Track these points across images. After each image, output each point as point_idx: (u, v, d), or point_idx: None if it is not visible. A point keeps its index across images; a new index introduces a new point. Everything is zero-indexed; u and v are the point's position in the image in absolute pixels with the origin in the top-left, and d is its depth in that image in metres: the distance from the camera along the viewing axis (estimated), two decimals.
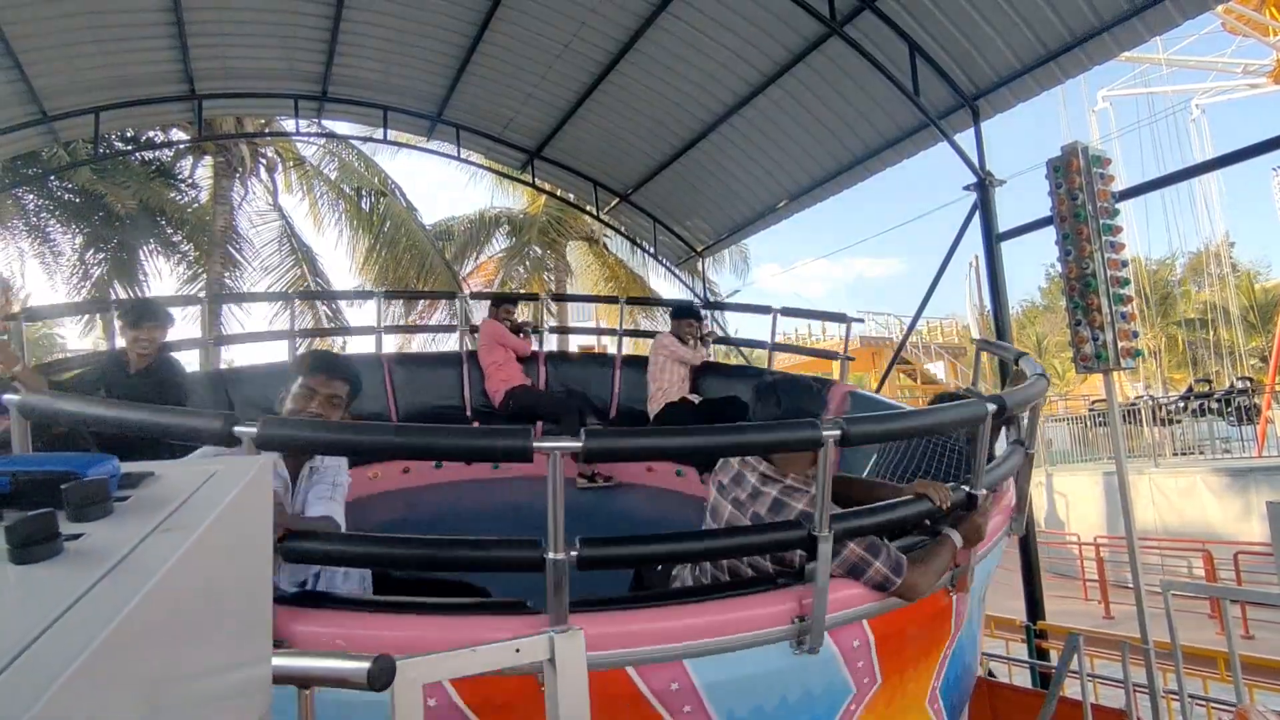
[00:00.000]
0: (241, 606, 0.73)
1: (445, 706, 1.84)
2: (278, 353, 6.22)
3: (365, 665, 0.94)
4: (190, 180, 14.51)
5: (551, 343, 7.19)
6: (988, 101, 6.55)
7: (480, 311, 7.64)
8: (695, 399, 5.82)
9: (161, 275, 13.76)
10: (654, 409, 5.80)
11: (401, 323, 14.23)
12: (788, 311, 6.39)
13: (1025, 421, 3.21)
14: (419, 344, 14.26)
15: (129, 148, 12.88)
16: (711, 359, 6.61)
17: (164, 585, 0.54)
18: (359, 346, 6.83)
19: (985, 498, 2.52)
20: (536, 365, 6.55)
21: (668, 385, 5.85)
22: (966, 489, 2.48)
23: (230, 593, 0.70)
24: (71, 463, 0.67)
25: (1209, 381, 20.45)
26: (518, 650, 1.19)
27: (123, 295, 13.05)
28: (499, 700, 1.86)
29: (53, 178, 12.35)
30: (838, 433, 2.03)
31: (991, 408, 2.44)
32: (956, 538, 2.43)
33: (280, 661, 0.94)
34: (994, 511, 2.84)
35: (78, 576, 0.52)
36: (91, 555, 0.56)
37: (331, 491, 2.39)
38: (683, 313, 6.30)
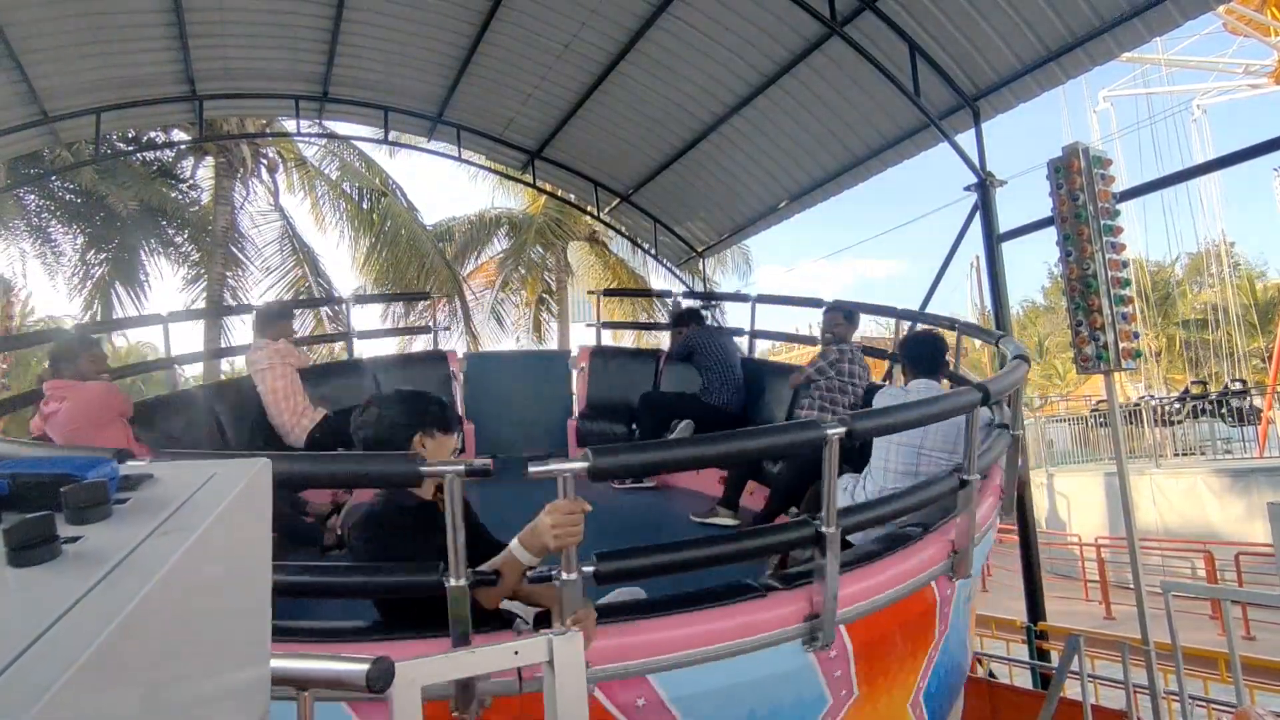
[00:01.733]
0: (241, 608, 0.73)
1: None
2: None
3: (364, 667, 0.94)
4: (191, 181, 14.53)
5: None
6: (988, 102, 6.54)
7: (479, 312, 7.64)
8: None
9: (163, 276, 13.78)
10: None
11: (402, 324, 14.25)
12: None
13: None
14: (423, 344, 14.28)
15: (130, 148, 12.88)
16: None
17: (163, 587, 0.54)
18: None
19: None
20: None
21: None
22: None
23: (229, 595, 0.71)
24: (70, 465, 0.67)
25: (1205, 383, 20.44)
26: (516, 653, 1.19)
27: (123, 296, 13.07)
28: None
29: (54, 178, 12.37)
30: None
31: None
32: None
33: (279, 663, 0.94)
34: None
35: (76, 579, 0.52)
36: (90, 558, 0.56)
37: None
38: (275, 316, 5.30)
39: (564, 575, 1.82)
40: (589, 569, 1.88)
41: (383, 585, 2.00)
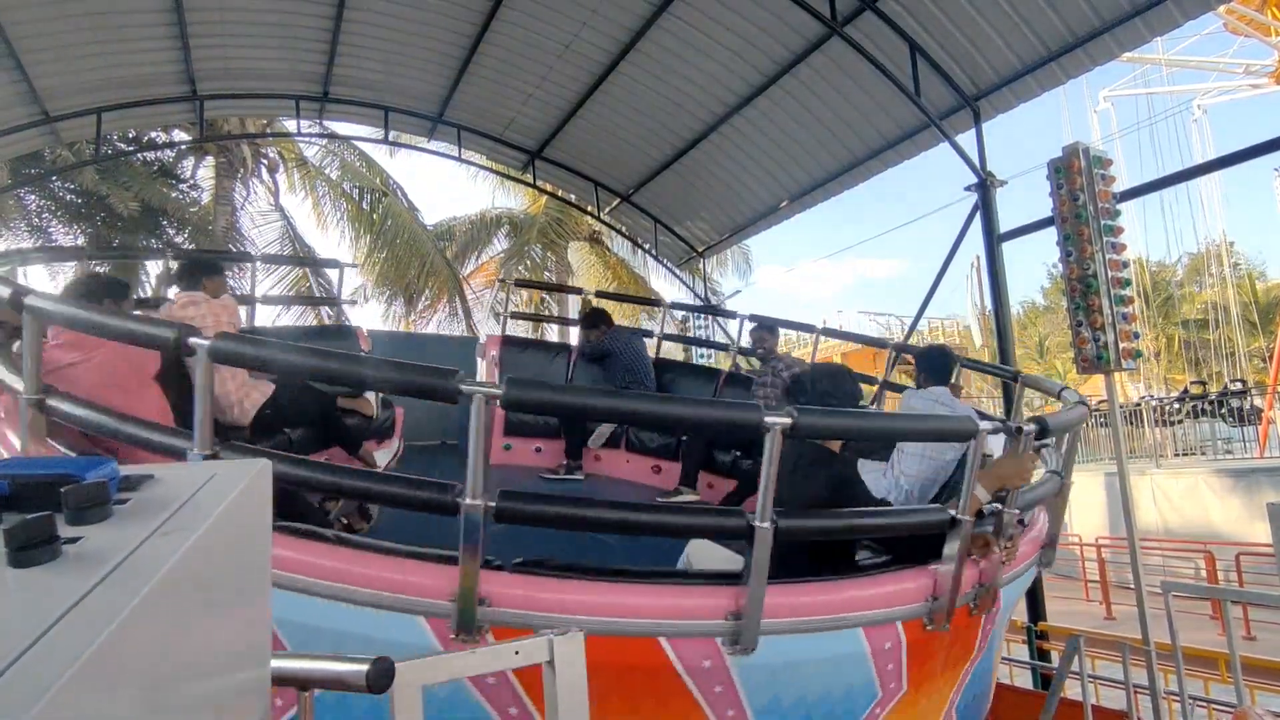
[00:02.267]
0: (241, 608, 0.73)
1: None
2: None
3: (364, 667, 0.94)
4: (192, 181, 14.53)
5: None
6: (989, 102, 6.54)
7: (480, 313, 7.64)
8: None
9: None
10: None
11: (402, 317, 14.29)
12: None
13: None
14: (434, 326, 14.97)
15: (131, 148, 12.89)
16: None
17: (163, 588, 0.54)
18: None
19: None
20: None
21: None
22: None
23: (230, 595, 0.71)
24: (71, 465, 0.67)
25: (1204, 383, 20.43)
26: (517, 652, 1.19)
27: None
28: None
29: (55, 178, 12.36)
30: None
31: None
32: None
33: (279, 663, 0.94)
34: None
35: (76, 579, 0.52)
36: (90, 558, 0.56)
37: None
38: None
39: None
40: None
41: None
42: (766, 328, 5.65)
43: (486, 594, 1.94)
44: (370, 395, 4.44)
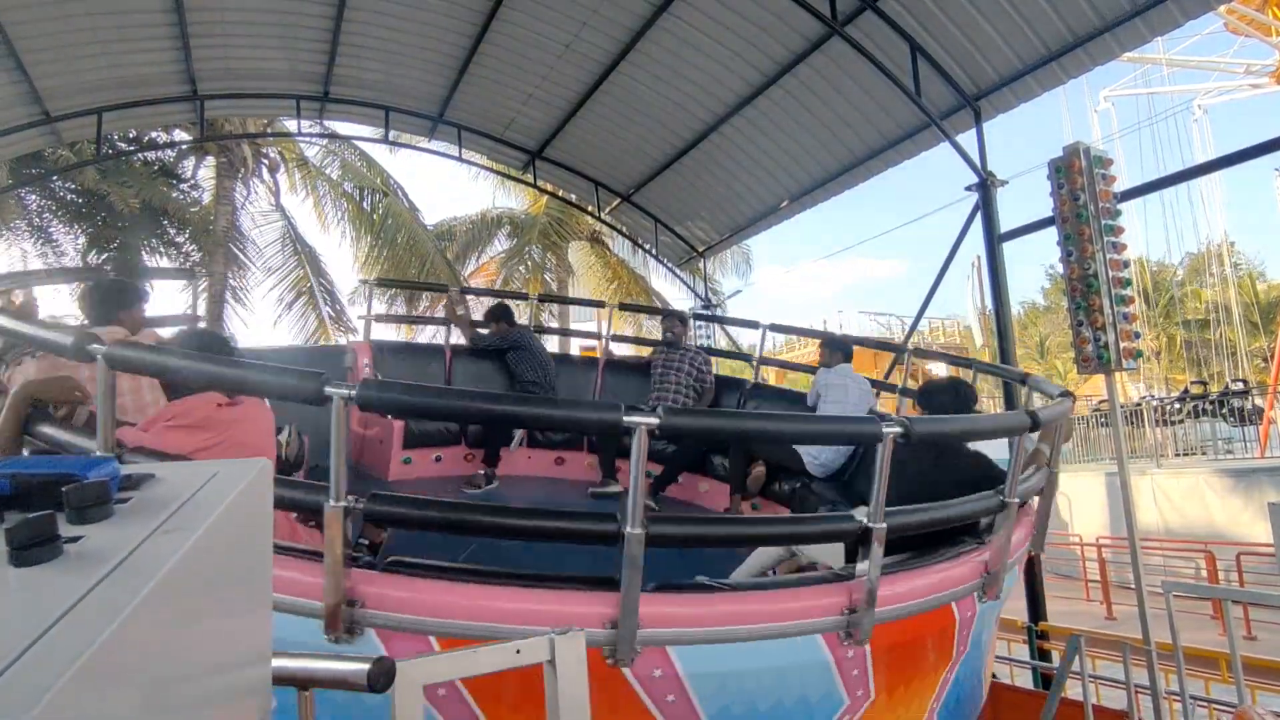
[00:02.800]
0: (242, 607, 0.73)
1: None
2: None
3: (365, 667, 0.94)
4: (193, 180, 14.53)
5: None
6: (989, 102, 6.54)
7: (478, 311, 7.60)
8: None
9: None
10: None
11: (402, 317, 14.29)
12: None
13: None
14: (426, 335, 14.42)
15: (132, 148, 12.89)
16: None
17: (164, 587, 0.54)
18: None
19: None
20: None
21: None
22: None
23: (231, 594, 0.71)
24: (72, 465, 0.67)
25: (1205, 383, 20.41)
26: (518, 651, 1.19)
27: None
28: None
29: (55, 178, 12.37)
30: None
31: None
32: None
33: (280, 663, 0.94)
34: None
35: (78, 579, 0.52)
36: (91, 557, 0.56)
37: None
38: None
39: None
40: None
41: None
42: (679, 318, 6.33)
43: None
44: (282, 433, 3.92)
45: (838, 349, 5.42)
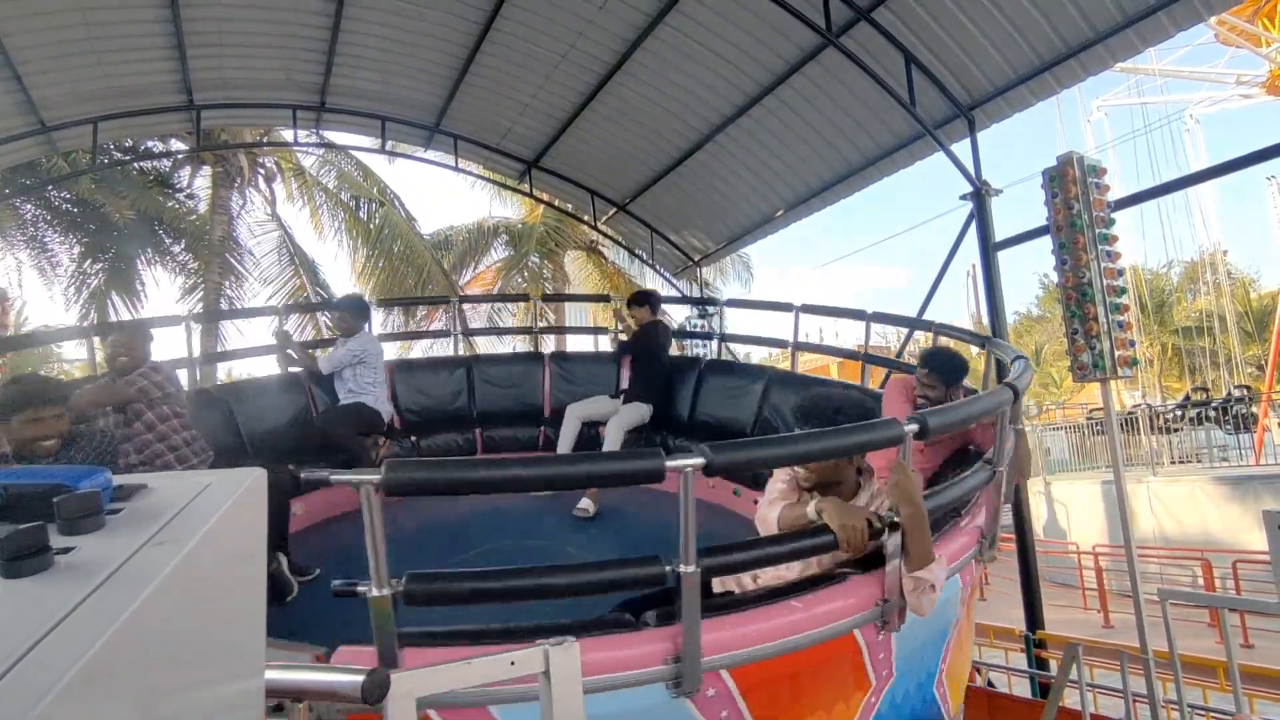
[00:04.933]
0: (234, 619, 0.73)
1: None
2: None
3: (359, 679, 0.94)
4: (189, 190, 14.54)
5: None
6: (983, 111, 6.58)
7: (477, 319, 7.56)
8: None
9: (160, 285, 13.81)
10: None
11: (401, 329, 14.25)
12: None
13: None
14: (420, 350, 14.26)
15: (128, 158, 12.90)
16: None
17: (156, 599, 0.54)
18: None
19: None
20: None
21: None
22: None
23: (223, 606, 0.70)
24: (64, 475, 0.67)
25: (1206, 390, 20.45)
26: (513, 663, 1.18)
27: (120, 306, 13.06)
28: None
29: (51, 188, 12.36)
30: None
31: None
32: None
33: (274, 675, 0.93)
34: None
35: (69, 590, 0.52)
36: (82, 569, 0.55)
37: None
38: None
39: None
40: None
41: None
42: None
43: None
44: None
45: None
